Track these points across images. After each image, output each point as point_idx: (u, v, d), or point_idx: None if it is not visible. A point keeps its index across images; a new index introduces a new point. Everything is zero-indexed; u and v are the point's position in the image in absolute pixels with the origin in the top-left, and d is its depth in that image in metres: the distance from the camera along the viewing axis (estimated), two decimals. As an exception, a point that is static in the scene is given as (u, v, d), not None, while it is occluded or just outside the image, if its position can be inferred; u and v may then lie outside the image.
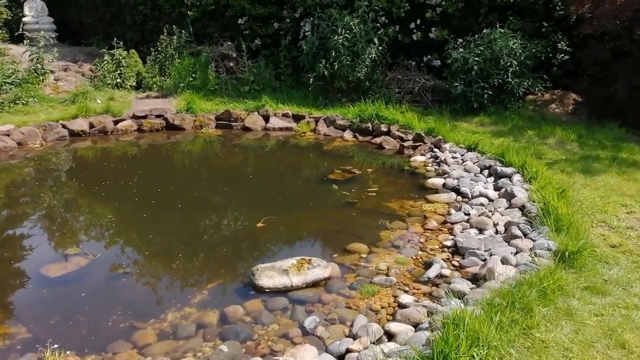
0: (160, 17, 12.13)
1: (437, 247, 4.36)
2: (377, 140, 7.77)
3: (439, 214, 5.04)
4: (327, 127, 8.51)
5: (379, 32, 9.35)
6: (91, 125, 8.27)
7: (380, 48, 9.34)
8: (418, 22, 9.84)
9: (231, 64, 10.66)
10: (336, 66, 9.10)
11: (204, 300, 3.58)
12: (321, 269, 3.76)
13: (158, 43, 11.16)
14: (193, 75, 10.51)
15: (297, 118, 8.86)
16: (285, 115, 8.93)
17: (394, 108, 8.42)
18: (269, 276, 3.65)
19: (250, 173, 6.66)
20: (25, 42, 10.09)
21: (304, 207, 5.42)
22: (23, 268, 4.03)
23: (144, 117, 8.76)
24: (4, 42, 11.28)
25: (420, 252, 4.27)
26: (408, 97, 9.37)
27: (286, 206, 5.43)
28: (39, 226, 4.91)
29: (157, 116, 8.84)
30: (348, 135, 8.18)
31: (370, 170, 6.55)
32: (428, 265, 4.00)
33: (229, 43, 10.90)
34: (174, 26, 11.26)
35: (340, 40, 9.05)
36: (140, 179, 6.22)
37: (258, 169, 6.98)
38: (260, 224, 4.79)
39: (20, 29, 11.08)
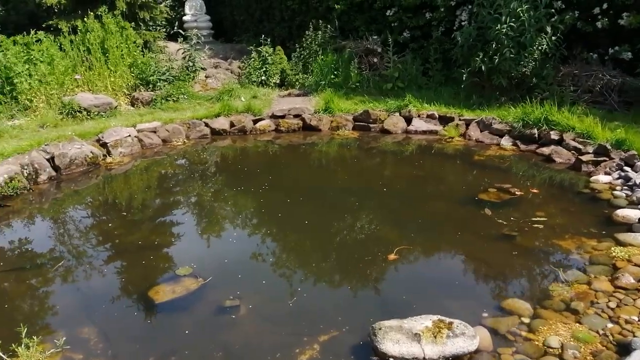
0: (307, 11, 11.85)
1: (637, 318, 3.08)
2: (545, 150, 6.36)
3: (637, 265, 3.67)
4: (481, 131, 7.28)
5: (553, 19, 7.77)
6: (231, 124, 8.19)
7: (553, 38, 7.76)
8: (604, 6, 7.96)
9: (375, 60, 9.90)
10: (496, 60, 7.78)
11: (313, 358, 2.88)
12: (466, 339, 2.80)
13: (303, 39, 10.87)
14: (335, 72, 9.98)
15: (444, 120, 7.77)
16: (430, 117, 7.89)
17: (568, 111, 6.86)
18: (394, 340, 2.80)
19: (384, 184, 5.82)
20: (179, 40, 10.50)
21: (446, 236, 4.43)
22: (132, 285, 3.76)
23: (282, 116, 8.45)
24: (167, 40, 12.02)
25: (610, 325, 3.04)
26: (586, 97, 7.63)
27: (424, 233, 4.49)
28: (162, 232, 4.72)
29: (295, 116, 8.47)
30: (506, 142, 6.86)
31: (535, 191, 5.26)
32: (624, 348, 2.79)
33: (375, 37, 10.15)
34: (320, 21, 10.87)
35: (504, 30, 7.69)
36: (270, 186, 5.78)
37: (394, 180, 6.11)
38: (392, 256, 3.94)
39: (176, 27, 11.62)
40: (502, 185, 5.32)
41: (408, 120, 7.93)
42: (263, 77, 10.60)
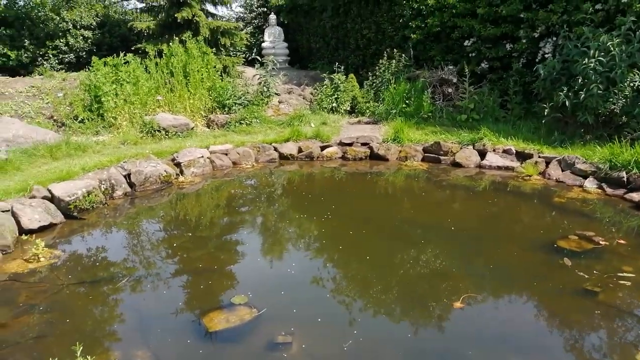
0: (383, 40, 11.85)
1: None
2: (634, 196, 5.79)
3: None
4: (562, 171, 6.78)
5: (648, 53, 7.20)
6: (299, 150, 8.24)
7: (648, 74, 7.17)
8: None
9: (449, 90, 9.64)
10: (582, 95, 7.30)
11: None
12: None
13: (377, 67, 10.85)
14: (407, 101, 9.83)
15: (522, 156, 7.35)
16: (506, 152, 7.50)
17: (663, 154, 6.24)
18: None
19: (453, 221, 5.51)
20: (256, 65, 10.82)
21: (519, 285, 4.07)
22: (189, 309, 3.75)
23: (350, 144, 8.39)
24: (246, 66, 12.46)
25: None
26: (686, 139, 6.94)
27: (495, 279, 4.16)
28: (223, 255, 4.74)
29: (363, 144, 8.38)
30: (590, 185, 6.33)
31: (622, 241, 4.76)
32: None
33: (450, 67, 9.91)
34: (395, 50, 10.81)
35: (592, 65, 7.22)
36: (334, 214, 5.67)
37: (464, 217, 5.78)
38: (458, 303, 3.67)
39: (254, 53, 12.02)
40: (585, 233, 4.86)
41: (482, 155, 7.58)
42: (334, 104, 10.64)
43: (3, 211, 5.02)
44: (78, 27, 12.32)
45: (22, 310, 3.69)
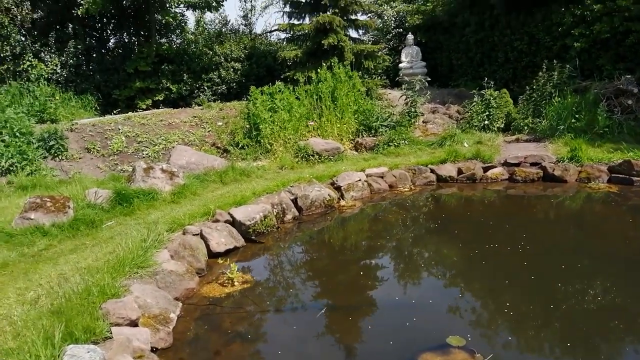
0: (537, 51, 10.97)
1: None
2: None
3: None
4: None
5: None
6: (459, 172, 7.74)
7: None
8: None
9: (629, 102, 8.49)
10: None
11: None
12: None
13: (534, 80, 9.99)
14: (576, 115, 8.85)
15: None
16: None
17: None
18: None
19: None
20: (403, 86, 10.57)
21: None
22: (396, 346, 3.45)
23: (517, 164, 7.69)
24: (384, 88, 12.31)
25: None
26: None
27: None
28: (414, 287, 4.41)
29: (532, 164, 7.63)
30: None
31: None
32: None
33: (629, 76, 8.75)
34: (554, 61, 9.89)
35: None
36: (525, 246, 5.09)
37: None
38: None
39: (400, 75, 11.82)
40: None
41: (688, 175, 6.45)
42: (486, 122, 9.97)
43: (194, 234, 5.22)
44: (229, 60, 13.15)
45: (230, 338, 3.68)
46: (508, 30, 11.64)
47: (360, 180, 7.39)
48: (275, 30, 15.06)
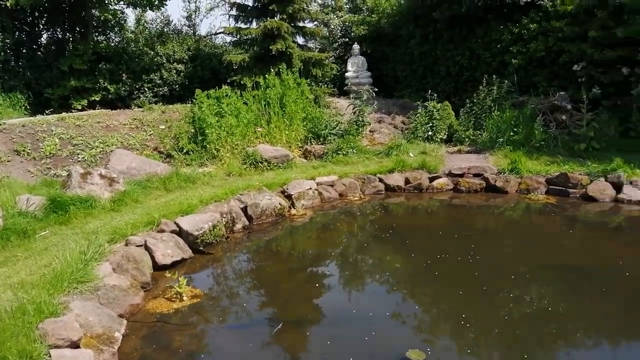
0: (477, 66, 11.42)
1: None
2: None
3: None
4: None
5: None
6: (407, 181, 7.85)
7: None
8: None
9: (563, 117, 9.00)
10: None
11: None
12: None
13: (475, 94, 10.38)
14: (514, 129, 9.26)
15: (668, 190, 6.60)
16: (647, 185, 6.77)
17: None
18: None
19: (613, 266, 4.87)
20: (351, 95, 10.63)
21: None
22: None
23: (461, 175, 7.92)
24: (332, 96, 12.34)
25: None
26: None
27: None
28: (370, 298, 4.37)
29: (475, 175, 7.89)
30: None
31: None
32: None
33: (562, 93, 9.29)
34: (493, 76, 10.32)
35: None
36: (476, 256, 5.20)
37: (621, 260, 5.08)
38: None
39: (346, 83, 11.89)
40: None
41: (617, 188, 6.89)
42: (429, 133, 10.23)
43: (138, 246, 4.91)
44: (171, 60, 12.68)
45: (181, 357, 3.45)
46: (450, 45, 12.04)
47: (311, 188, 7.30)
48: (220, 32, 14.76)
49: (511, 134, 9.20)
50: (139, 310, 4.04)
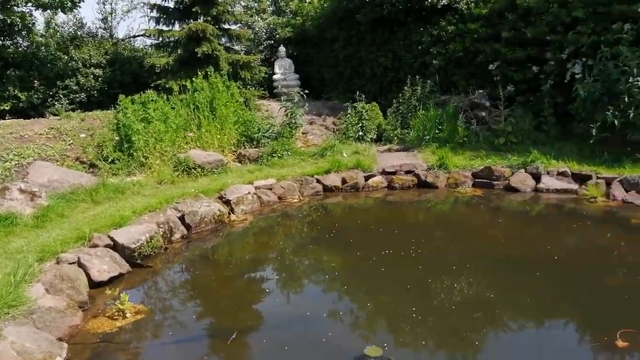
0: (400, 67, 11.83)
1: None
2: None
3: None
4: (626, 191, 6.67)
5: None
6: (343, 181, 7.97)
7: (693, 90, 7.20)
8: None
9: (482, 114, 9.57)
10: (631, 114, 7.26)
11: None
12: None
13: (400, 94, 10.75)
14: (439, 126, 9.71)
15: (579, 178, 7.23)
16: (562, 174, 7.37)
17: None
18: None
19: (549, 252, 5.24)
20: (282, 98, 10.61)
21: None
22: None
23: (394, 172, 8.18)
24: (263, 99, 12.25)
25: None
26: None
27: (631, 312, 3.90)
28: (319, 300, 4.39)
29: (407, 172, 8.18)
30: (665, 204, 6.22)
31: None
32: None
33: (480, 91, 9.87)
34: (416, 76, 10.75)
35: (639, 83, 7.22)
36: (418, 251, 5.38)
37: (556, 246, 5.40)
38: (621, 343, 3.38)
39: (275, 86, 11.86)
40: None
41: (536, 178, 7.44)
42: (360, 133, 10.45)
43: (70, 263, 4.59)
44: (88, 65, 11.96)
45: (132, 378, 3.27)
46: (374, 47, 12.37)
47: (249, 193, 7.20)
48: (141, 35, 14.14)
49: (436, 131, 9.64)
50: (79, 331, 3.77)
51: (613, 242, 5.42)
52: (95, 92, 11.96)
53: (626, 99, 7.38)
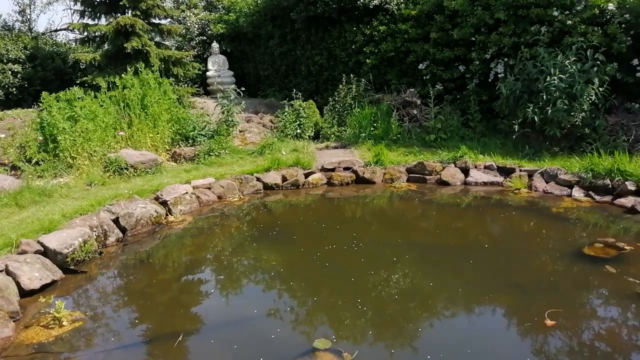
0: (335, 66, 12.01)
1: None
2: (624, 202, 6.28)
3: None
4: (546, 182, 7.21)
5: (597, 70, 7.95)
6: (284, 179, 8.00)
7: (601, 89, 7.91)
8: (644, 57, 8.24)
9: (414, 112, 9.95)
10: (549, 110, 7.85)
11: None
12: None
13: (335, 93, 10.93)
14: (374, 124, 9.98)
15: (504, 171, 7.72)
16: (488, 168, 7.84)
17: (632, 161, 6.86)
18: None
19: (477, 241, 5.60)
20: (219, 95, 10.45)
21: (578, 295, 4.20)
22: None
23: (333, 169, 8.32)
24: (197, 96, 11.97)
25: None
26: (639, 146, 7.72)
27: (554, 293, 4.25)
28: (265, 297, 4.41)
29: (346, 169, 8.35)
30: (578, 194, 6.78)
31: (641, 244, 5.11)
32: None
33: (412, 90, 10.24)
34: (351, 75, 10.98)
35: (555, 82, 7.83)
36: (360, 243, 5.53)
37: (483, 235, 5.87)
38: (549, 322, 3.67)
39: (209, 83, 11.63)
40: (606, 240, 5.16)
41: (465, 172, 7.86)
42: (298, 130, 10.53)
43: (-3, 272, 4.30)
44: (5, 61, 11.13)
45: (74, 388, 3.13)
46: (309, 45, 12.47)
47: (187, 193, 7.05)
48: (64, 29, 13.35)
49: (371, 129, 9.91)
50: (11, 343, 3.55)
51: (536, 229, 5.86)
52: (14, 89, 11.17)
53: (544, 97, 7.95)
